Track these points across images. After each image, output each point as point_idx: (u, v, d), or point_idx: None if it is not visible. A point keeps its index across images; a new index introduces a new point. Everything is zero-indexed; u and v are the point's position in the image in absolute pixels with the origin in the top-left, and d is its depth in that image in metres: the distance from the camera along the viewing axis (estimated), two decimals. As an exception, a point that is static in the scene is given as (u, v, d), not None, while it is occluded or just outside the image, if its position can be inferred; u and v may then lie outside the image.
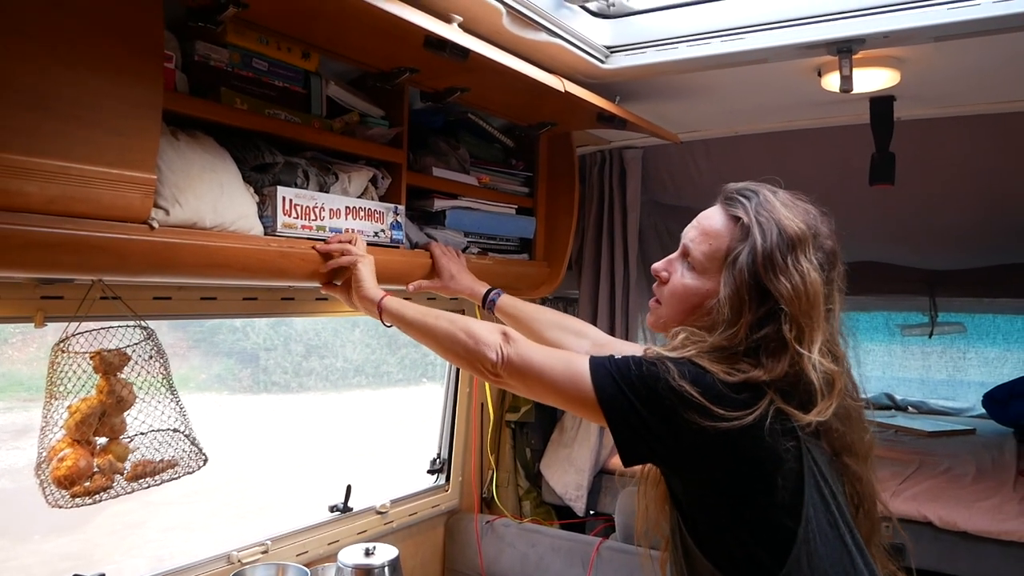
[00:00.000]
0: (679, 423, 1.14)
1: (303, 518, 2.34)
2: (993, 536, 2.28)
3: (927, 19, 1.55)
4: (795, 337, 1.17)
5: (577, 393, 1.24)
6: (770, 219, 1.24)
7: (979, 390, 3.88)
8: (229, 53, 1.47)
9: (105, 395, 1.42)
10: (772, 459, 1.15)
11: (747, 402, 1.14)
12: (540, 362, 1.30)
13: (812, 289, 1.20)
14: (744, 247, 1.24)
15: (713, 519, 1.21)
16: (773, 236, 1.23)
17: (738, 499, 1.18)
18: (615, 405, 1.19)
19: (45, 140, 1.08)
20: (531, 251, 2.35)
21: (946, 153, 2.50)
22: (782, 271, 1.20)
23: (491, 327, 1.38)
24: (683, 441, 1.16)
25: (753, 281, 1.21)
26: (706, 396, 1.13)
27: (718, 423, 1.12)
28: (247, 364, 5.84)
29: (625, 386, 1.19)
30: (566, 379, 1.26)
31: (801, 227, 1.24)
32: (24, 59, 1.05)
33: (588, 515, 3.08)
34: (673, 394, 1.14)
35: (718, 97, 2.15)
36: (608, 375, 1.21)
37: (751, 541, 1.17)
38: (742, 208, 1.28)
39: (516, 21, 1.62)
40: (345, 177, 1.67)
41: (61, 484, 1.35)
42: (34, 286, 1.49)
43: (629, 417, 1.18)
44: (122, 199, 1.18)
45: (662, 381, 1.16)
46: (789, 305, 1.18)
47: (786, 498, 1.16)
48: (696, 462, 1.19)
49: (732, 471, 1.17)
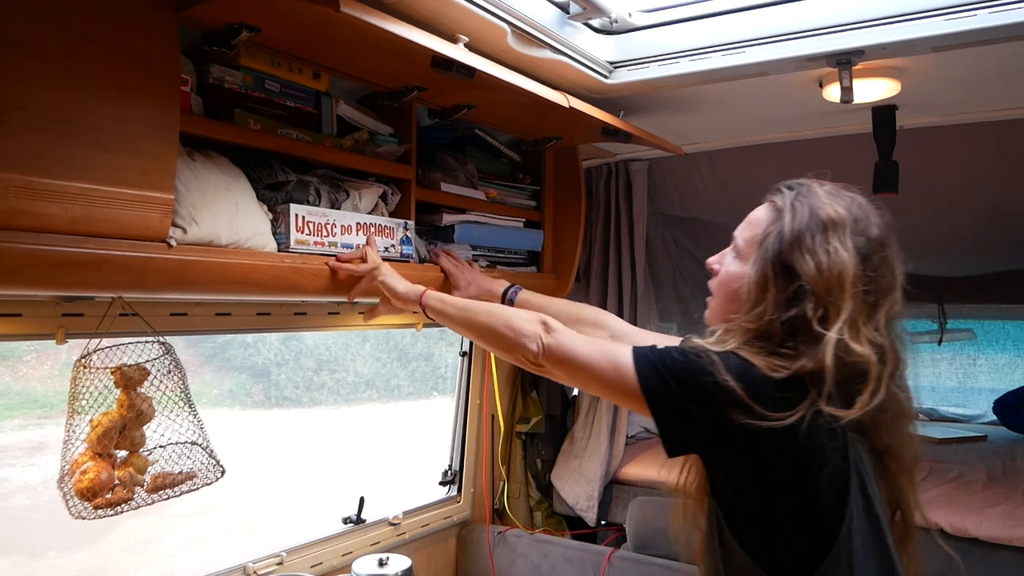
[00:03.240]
0: (723, 417, 1.14)
1: (317, 530, 2.36)
2: (1004, 542, 2.28)
3: (925, 30, 1.57)
4: (820, 318, 1.16)
5: (620, 384, 1.25)
6: (805, 203, 1.26)
7: (990, 396, 3.87)
8: (243, 75, 1.51)
9: (125, 409, 1.46)
10: (815, 457, 1.15)
11: (790, 401, 1.14)
12: (582, 352, 1.32)
13: (838, 268, 1.18)
14: (775, 228, 1.26)
15: (753, 511, 1.21)
16: (804, 217, 1.23)
17: (780, 494, 1.18)
18: (660, 396, 1.20)
19: (68, 163, 1.12)
20: (539, 263, 2.38)
21: (949, 161, 2.52)
22: (808, 250, 1.20)
23: (531, 317, 1.40)
24: (727, 434, 1.16)
25: (777, 259, 1.22)
26: (750, 393, 1.13)
27: (760, 422, 1.12)
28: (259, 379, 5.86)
29: (670, 377, 1.19)
30: (609, 369, 1.26)
31: (838, 211, 1.24)
32: (47, 86, 1.10)
33: (599, 525, 3.10)
34: (719, 389, 1.14)
35: (721, 109, 2.17)
36: (652, 366, 1.22)
37: (791, 536, 1.17)
38: (781, 196, 1.30)
39: (521, 39, 1.65)
40: (356, 194, 1.71)
41: (84, 496, 1.38)
42: (56, 304, 1.52)
43: (674, 408, 1.19)
44: (141, 219, 1.22)
45: (707, 374, 1.16)
46: (812, 283, 1.18)
47: (830, 496, 1.16)
48: (739, 455, 1.19)
49: (774, 466, 1.17)
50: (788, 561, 1.17)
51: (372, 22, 1.22)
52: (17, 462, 4.16)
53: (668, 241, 3.36)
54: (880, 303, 1.22)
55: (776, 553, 1.18)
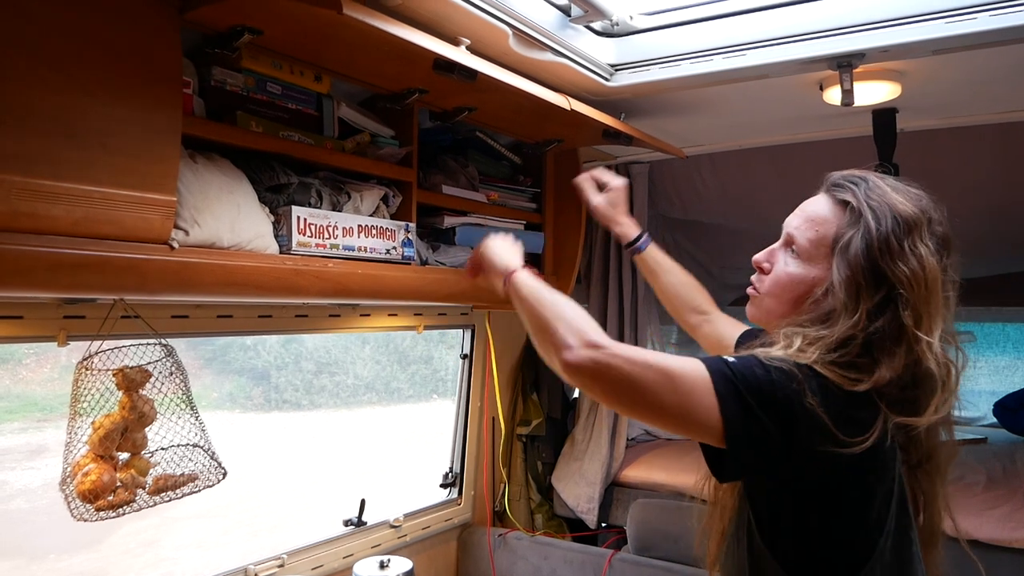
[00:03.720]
0: (803, 442, 1.07)
1: (318, 532, 2.36)
2: (1004, 544, 2.28)
3: (925, 33, 1.57)
4: (914, 324, 1.11)
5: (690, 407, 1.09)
6: (882, 202, 1.18)
7: (990, 399, 3.86)
8: (244, 78, 1.52)
9: (127, 411, 1.46)
10: (878, 475, 1.13)
11: (865, 422, 1.08)
12: (640, 376, 1.12)
13: (931, 274, 1.13)
14: (856, 231, 1.17)
15: (795, 523, 1.16)
16: (888, 219, 1.16)
17: (830, 510, 1.13)
18: (740, 421, 1.08)
19: (71, 166, 1.13)
20: (540, 266, 2.38)
21: (950, 163, 2.52)
22: (898, 255, 1.14)
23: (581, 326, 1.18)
24: (799, 458, 1.09)
25: (869, 265, 1.14)
26: (832, 417, 1.06)
27: (841, 449, 1.06)
28: (259, 382, 5.86)
29: (753, 399, 1.08)
30: (669, 391, 1.10)
31: (915, 210, 1.18)
32: (50, 89, 1.10)
33: (600, 527, 3.10)
34: (804, 414, 1.06)
35: (722, 112, 2.18)
36: (732, 384, 1.09)
37: (832, 547, 1.14)
38: (850, 193, 1.21)
39: (522, 42, 1.66)
40: (357, 196, 1.71)
41: (86, 498, 1.38)
42: (57, 306, 1.53)
43: (752, 433, 1.08)
44: (144, 221, 1.23)
45: (796, 395, 1.07)
46: (908, 291, 1.12)
47: (880, 511, 1.14)
48: (800, 473, 1.12)
49: (836, 485, 1.12)
50: (823, 571, 1.15)
51: (374, 24, 1.23)
52: (17, 465, 4.15)
53: (669, 243, 3.36)
54: (951, 301, 1.19)
55: (811, 563, 1.15)
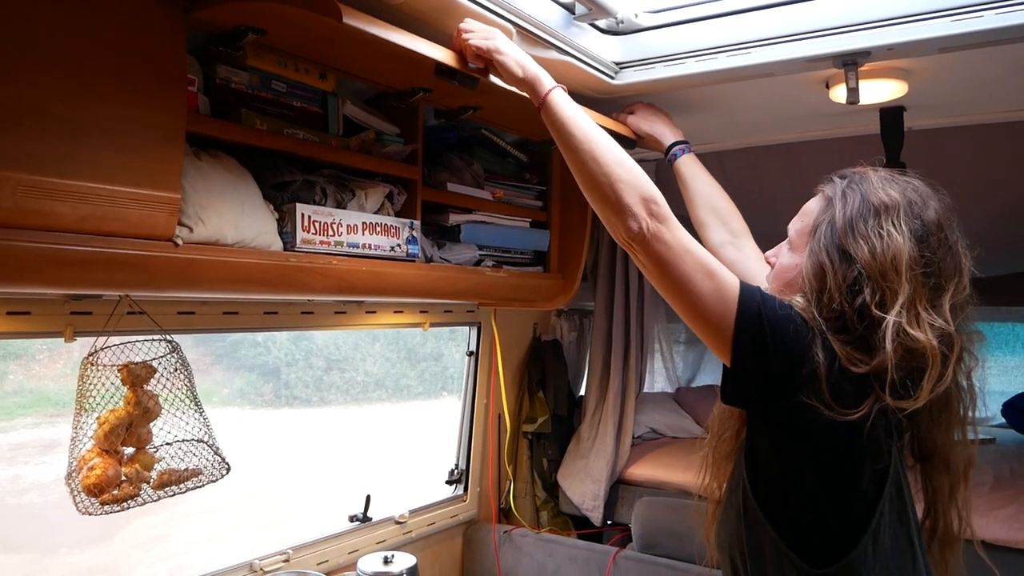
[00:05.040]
0: (798, 387, 1.13)
1: (324, 527, 2.38)
2: (1010, 545, 2.28)
3: (931, 31, 1.56)
4: (878, 302, 1.15)
5: (713, 306, 1.18)
6: (856, 190, 1.25)
7: (999, 399, 3.84)
8: (249, 76, 1.52)
9: (132, 406, 1.48)
10: (870, 450, 1.16)
11: (857, 397, 1.13)
12: (684, 259, 1.20)
13: (893, 252, 1.17)
14: (826, 216, 1.25)
15: (790, 487, 1.20)
16: (855, 203, 1.23)
17: (823, 476, 1.18)
18: (748, 336, 1.16)
19: (76, 164, 1.14)
20: (546, 263, 2.38)
21: (958, 162, 2.51)
22: (861, 235, 1.19)
23: (642, 190, 1.24)
24: (793, 403, 1.14)
25: (833, 244, 1.21)
26: (827, 378, 1.12)
27: (825, 410, 1.11)
28: (269, 379, 5.88)
29: (768, 325, 1.16)
30: (708, 289, 1.18)
31: (891, 196, 1.23)
32: (56, 87, 1.11)
33: (605, 525, 3.10)
34: (810, 361, 1.13)
35: (728, 110, 2.17)
36: (756, 305, 1.17)
37: (824, 519, 1.17)
38: (832, 186, 1.30)
39: (527, 40, 1.66)
40: (362, 193, 1.72)
41: (91, 492, 1.40)
42: (64, 302, 1.54)
43: (756, 354, 1.16)
44: (149, 218, 1.24)
45: (807, 342, 1.15)
46: (868, 268, 1.17)
47: (870, 489, 1.17)
48: (795, 426, 1.18)
49: (828, 451, 1.17)
50: (818, 543, 1.17)
51: (374, 32, 1.24)
52: (30, 460, 4.19)
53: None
54: (944, 287, 1.19)
55: (806, 533, 1.18)
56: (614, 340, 3.12)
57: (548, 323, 3.28)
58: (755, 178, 2.83)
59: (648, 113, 1.94)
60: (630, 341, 3.13)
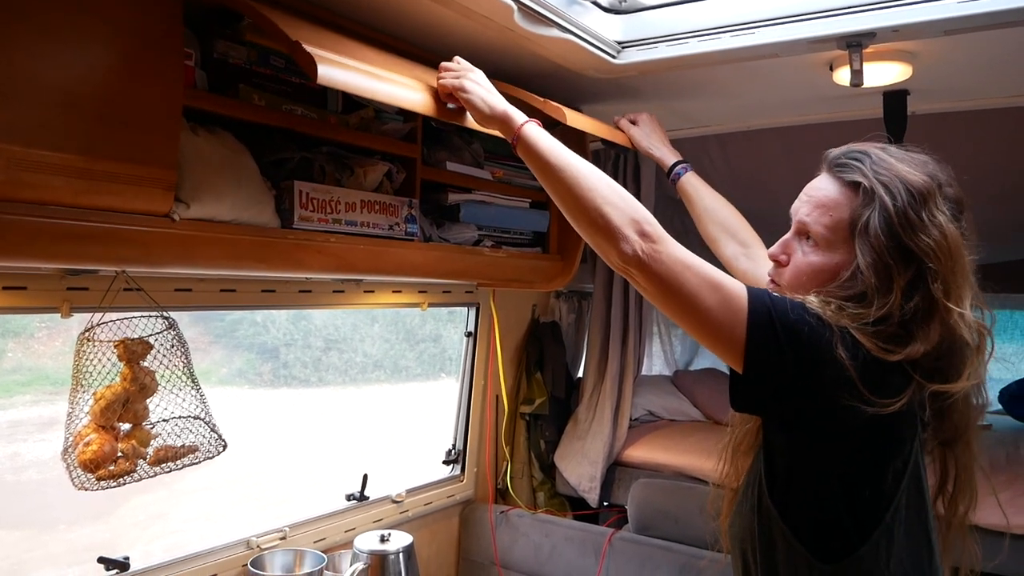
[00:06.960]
0: (822, 387, 1.09)
1: (321, 506, 2.39)
2: (1005, 530, 2.28)
3: (937, 13, 1.54)
4: (944, 294, 1.11)
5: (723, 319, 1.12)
6: (892, 176, 1.17)
7: (996, 386, 3.85)
8: (247, 51, 1.51)
9: (129, 382, 1.47)
10: (898, 445, 1.13)
11: (897, 387, 1.09)
12: (686, 280, 1.14)
13: (954, 242, 1.13)
14: (872, 211, 1.16)
15: (809, 487, 1.16)
16: (902, 193, 1.15)
17: (846, 472, 1.14)
18: (762, 343, 1.10)
19: (72, 137, 1.13)
20: (545, 245, 2.37)
21: (961, 147, 2.49)
22: (920, 228, 1.13)
23: (631, 212, 1.18)
24: (817, 405, 1.11)
25: (894, 244, 1.13)
26: (859, 373, 1.07)
27: (866, 407, 1.06)
28: (268, 359, 5.87)
29: (782, 329, 1.10)
30: (714, 302, 1.12)
31: (925, 178, 1.17)
32: (52, 60, 1.10)
33: (602, 506, 3.12)
34: (833, 361, 1.07)
35: (731, 92, 2.16)
36: (766, 310, 1.11)
37: (840, 514, 1.14)
38: (858, 172, 1.20)
39: (528, 17, 1.64)
40: (360, 171, 1.71)
41: (87, 468, 1.40)
42: (60, 277, 1.54)
43: (771, 361, 1.10)
44: (145, 193, 1.23)
45: (825, 342, 1.08)
46: (936, 263, 1.11)
47: (892, 483, 1.14)
48: (818, 428, 1.14)
49: (852, 447, 1.13)
50: (831, 538, 1.15)
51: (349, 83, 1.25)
52: (29, 437, 4.19)
53: (676, 225, 3.34)
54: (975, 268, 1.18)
55: (819, 530, 1.15)
56: (612, 322, 3.12)
57: (547, 305, 3.28)
58: (756, 161, 2.81)
59: (649, 130, 1.94)
60: (628, 324, 3.13)
